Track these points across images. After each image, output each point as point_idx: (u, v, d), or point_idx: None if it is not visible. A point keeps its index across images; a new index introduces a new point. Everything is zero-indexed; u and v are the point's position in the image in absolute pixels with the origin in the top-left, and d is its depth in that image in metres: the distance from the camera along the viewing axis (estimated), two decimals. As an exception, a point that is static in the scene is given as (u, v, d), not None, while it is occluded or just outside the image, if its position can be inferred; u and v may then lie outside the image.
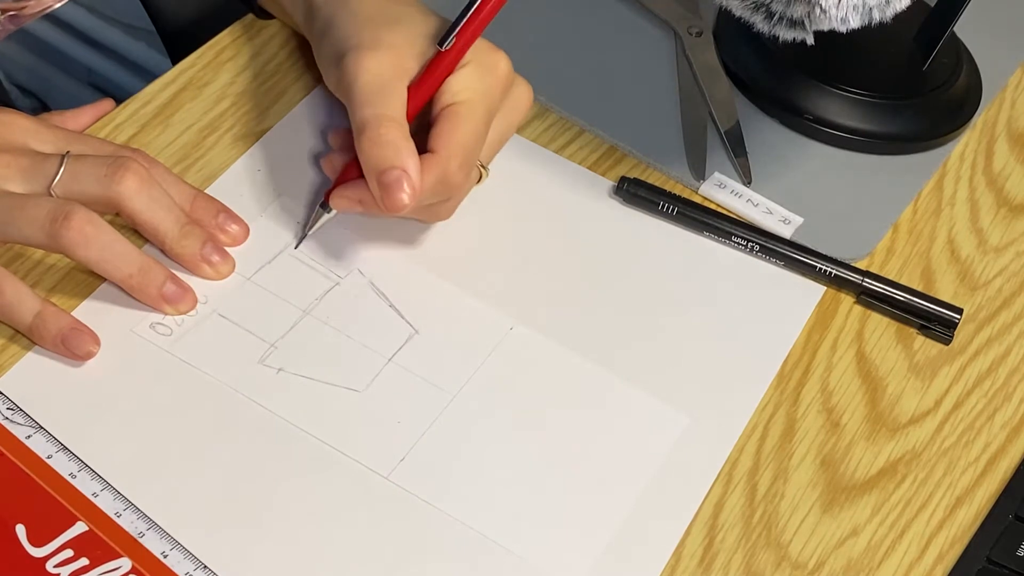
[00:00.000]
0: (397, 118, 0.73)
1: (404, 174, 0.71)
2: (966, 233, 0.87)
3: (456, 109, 0.74)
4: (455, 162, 0.73)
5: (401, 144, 0.72)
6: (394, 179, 0.71)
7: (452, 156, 0.73)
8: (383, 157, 0.72)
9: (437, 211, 0.78)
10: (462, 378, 0.75)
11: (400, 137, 0.72)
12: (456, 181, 0.74)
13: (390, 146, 0.72)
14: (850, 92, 0.89)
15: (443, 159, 0.73)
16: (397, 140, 0.72)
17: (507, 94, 0.77)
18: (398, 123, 0.73)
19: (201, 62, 0.86)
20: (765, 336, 0.80)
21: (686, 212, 0.83)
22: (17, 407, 0.70)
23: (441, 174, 0.73)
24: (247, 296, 0.76)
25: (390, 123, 0.73)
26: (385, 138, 0.72)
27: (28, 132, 0.75)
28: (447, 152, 0.73)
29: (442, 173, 0.73)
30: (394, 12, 0.77)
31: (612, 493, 0.72)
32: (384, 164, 0.72)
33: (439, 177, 0.73)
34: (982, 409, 0.79)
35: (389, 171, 0.72)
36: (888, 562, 0.72)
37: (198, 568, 0.66)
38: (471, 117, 0.74)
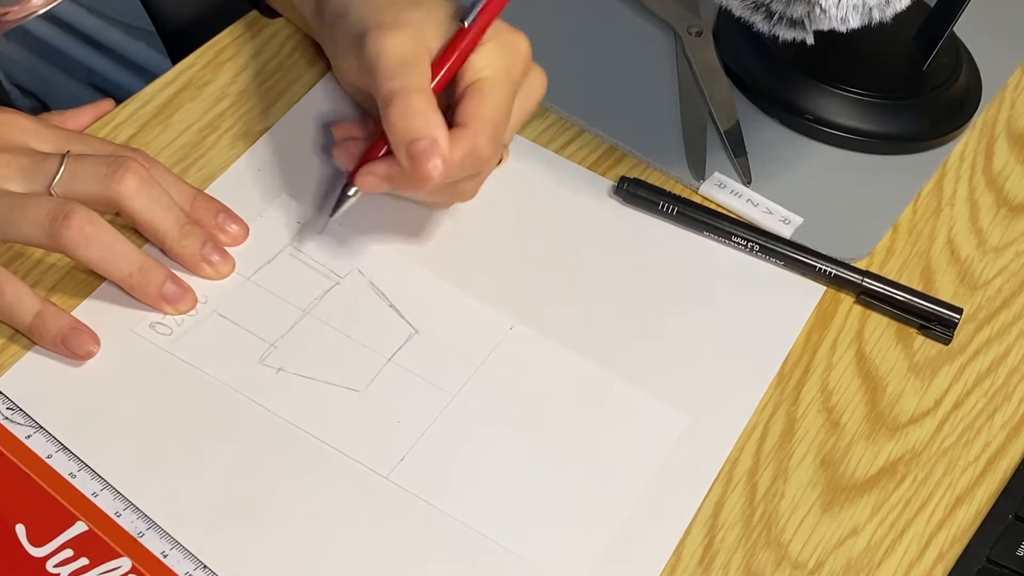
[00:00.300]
0: (424, 89, 0.73)
1: (434, 144, 0.71)
2: (966, 233, 0.87)
3: (480, 85, 0.74)
4: (485, 135, 0.73)
5: (430, 114, 0.72)
6: (423, 148, 0.71)
7: (482, 129, 0.73)
8: (412, 127, 0.71)
9: (463, 190, 0.77)
10: (462, 378, 0.75)
11: (429, 108, 0.72)
12: (486, 154, 0.73)
13: (419, 116, 0.71)
14: (850, 92, 0.89)
15: (472, 132, 0.73)
16: (426, 110, 0.72)
17: (526, 75, 0.77)
18: (426, 94, 0.73)
19: (201, 62, 0.86)
20: (765, 336, 0.80)
21: (686, 212, 0.83)
22: (17, 407, 0.70)
23: (471, 147, 0.73)
24: (247, 296, 0.76)
25: (418, 94, 0.72)
26: (414, 108, 0.72)
27: (28, 132, 0.75)
28: (477, 124, 0.73)
29: (472, 146, 0.73)
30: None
31: (612, 493, 0.72)
32: (413, 134, 0.71)
33: (469, 150, 0.73)
34: (982, 409, 0.79)
35: (418, 141, 0.71)
36: (888, 562, 0.72)
37: (198, 568, 0.66)
38: (496, 92, 0.74)
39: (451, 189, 0.76)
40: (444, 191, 0.77)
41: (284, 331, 0.75)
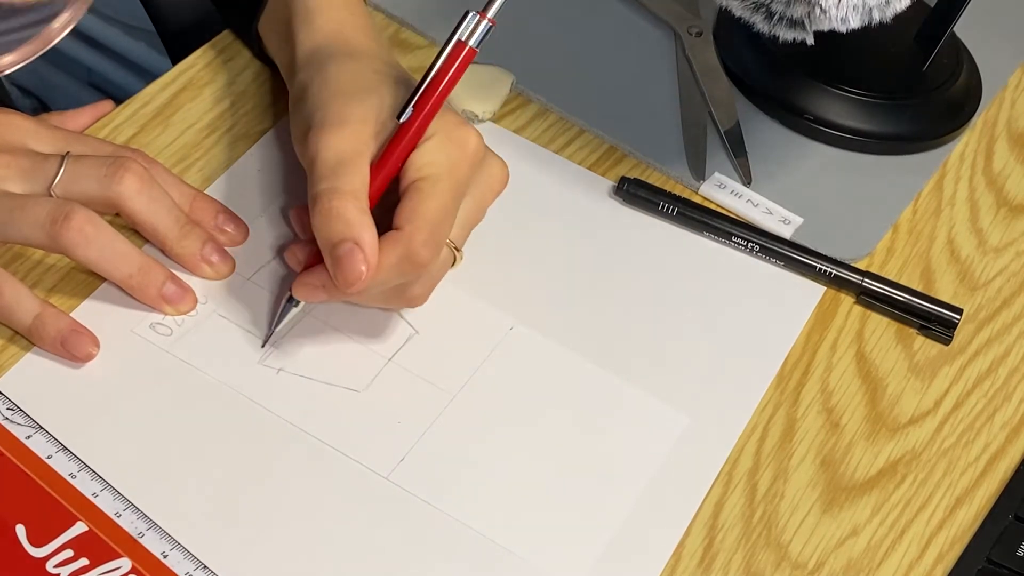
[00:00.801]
0: (352, 191, 0.69)
1: (356, 247, 0.68)
2: (966, 233, 0.87)
3: (420, 185, 0.70)
4: (420, 238, 0.69)
5: (353, 217, 0.69)
6: (346, 252, 0.68)
7: (416, 232, 0.69)
8: (335, 230, 0.69)
9: (407, 295, 0.73)
10: (462, 378, 0.75)
11: (354, 210, 0.69)
12: (421, 259, 0.70)
13: (341, 219, 0.69)
14: (850, 92, 0.89)
15: (407, 235, 0.69)
16: (349, 213, 0.69)
17: (478, 171, 0.73)
18: (352, 196, 0.69)
19: (201, 62, 0.86)
20: (765, 336, 0.80)
21: (686, 212, 0.83)
22: (17, 407, 0.70)
23: (405, 251, 0.69)
24: (247, 296, 0.76)
25: (343, 196, 0.69)
26: (337, 211, 0.69)
27: (28, 132, 0.75)
28: (411, 227, 0.69)
29: (406, 250, 0.69)
30: (366, 82, 0.74)
31: (612, 493, 0.72)
32: (336, 237, 0.68)
33: (403, 254, 0.69)
34: (982, 409, 0.79)
35: (341, 244, 0.68)
36: (888, 562, 0.72)
37: (198, 568, 0.66)
38: (436, 192, 0.70)
39: (397, 294, 0.73)
40: (390, 297, 0.73)
41: (284, 331, 0.75)
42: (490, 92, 0.87)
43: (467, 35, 0.71)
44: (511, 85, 0.88)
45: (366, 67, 0.75)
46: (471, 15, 0.71)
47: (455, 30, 0.71)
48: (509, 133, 0.86)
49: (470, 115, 0.86)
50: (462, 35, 0.71)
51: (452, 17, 0.72)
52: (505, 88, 0.87)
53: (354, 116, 0.72)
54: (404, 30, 0.90)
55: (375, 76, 0.74)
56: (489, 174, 0.74)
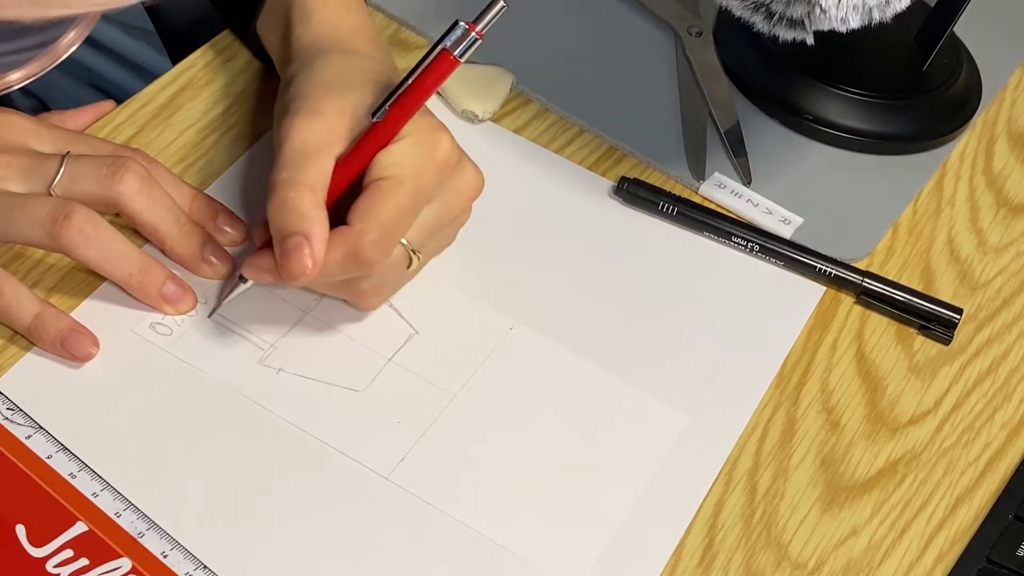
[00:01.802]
0: (310, 184, 0.69)
1: (305, 241, 0.68)
2: (966, 233, 0.87)
3: (381, 184, 0.70)
4: (368, 237, 0.69)
5: (306, 211, 0.69)
6: (293, 245, 0.68)
7: (366, 231, 0.69)
8: (287, 222, 0.69)
9: (359, 292, 0.73)
10: (462, 378, 0.75)
11: (308, 204, 0.69)
12: (368, 258, 0.69)
13: (294, 211, 0.69)
14: (850, 92, 0.89)
15: (356, 232, 0.69)
16: (302, 206, 0.69)
17: (448, 177, 0.72)
18: (309, 189, 0.69)
19: (201, 62, 0.86)
20: (765, 336, 0.80)
21: (686, 212, 0.83)
22: (17, 407, 0.70)
23: (351, 248, 0.69)
24: (247, 296, 0.76)
25: (299, 188, 0.69)
26: (291, 203, 0.69)
27: (28, 132, 0.75)
28: (362, 226, 0.69)
29: (353, 247, 0.69)
30: (351, 79, 0.74)
31: (612, 493, 0.72)
32: (287, 229, 0.69)
33: (349, 251, 0.69)
34: (982, 409, 0.79)
35: (291, 237, 0.68)
36: (888, 562, 0.72)
37: (198, 568, 0.66)
38: (395, 193, 0.70)
39: (346, 288, 0.73)
40: (339, 290, 0.73)
41: (284, 331, 0.75)
42: (490, 92, 0.87)
43: (451, 44, 0.71)
44: (511, 85, 0.88)
45: (354, 65, 0.75)
46: (460, 25, 0.71)
47: (442, 37, 0.71)
48: (509, 133, 0.86)
49: (470, 115, 0.86)
50: (447, 43, 0.71)
51: (452, 17, 0.71)
52: (505, 88, 0.87)
53: (330, 108, 0.72)
54: (404, 30, 0.90)
55: (361, 74, 0.74)
56: (461, 180, 0.74)
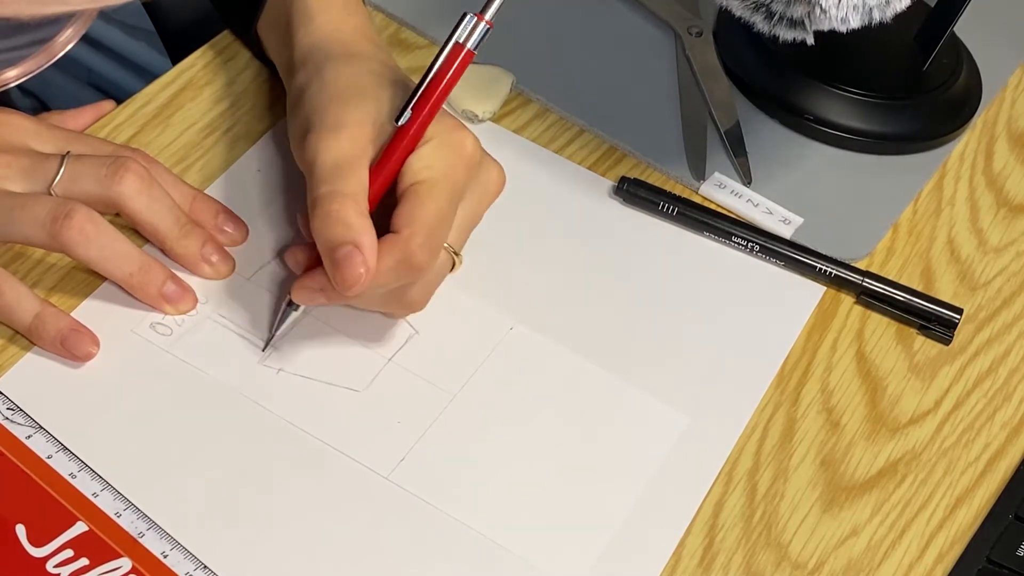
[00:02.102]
0: (352, 194, 0.69)
1: (355, 250, 0.68)
2: (966, 233, 0.87)
3: (417, 189, 0.70)
4: (417, 240, 0.69)
5: (353, 220, 0.69)
6: (345, 255, 0.68)
7: (414, 235, 0.69)
8: (335, 234, 0.69)
9: (406, 299, 0.73)
10: (462, 378, 0.75)
11: (353, 213, 0.69)
12: (419, 261, 0.69)
13: (341, 222, 0.69)
14: (850, 92, 0.89)
15: (404, 238, 0.69)
16: (349, 216, 0.69)
17: (475, 174, 0.73)
18: (352, 199, 0.69)
19: (201, 62, 0.86)
20: (765, 336, 0.80)
21: (686, 212, 0.83)
22: (17, 407, 0.70)
23: (402, 254, 0.69)
24: (247, 296, 0.76)
25: (343, 199, 0.69)
26: (337, 214, 0.69)
27: (28, 132, 0.75)
28: (409, 231, 0.69)
29: (403, 253, 0.69)
30: (364, 85, 0.74)
31: (612, 493, 0.72)
32: (336, 240, 0.68)
33: (401, 258, 0.69)
34: (982, 409, 0.79)
35: (340, 247, 0.68)
36: (888, 562, 0.72)
37: (198, 568, 0.66)
38: (433, 195, 0.70)
39: (396, 298, 0.73)
40: (388, 301, 0.73)
41: (284, 331, 0.75)
42: (490, 92, 0.87)
43: (464, 37, 0.71)
44: (511, 85, 0.88)
45: (363, 69, 0.75)
46: (468, 17, 0.71)
47: (453, 32, 0.71)
48: (509, 133, 0.86)
49: (470, 115, 0.86)
50: (459, 37, 0.71)
51: (452, 17, 0.71)
52: (505, 88, 0.87)
53: (351, 120, 0.72)
54: (404, 30, 0.90)
55: (372, 78, 0.74)
56: (486, 178, 0.74)
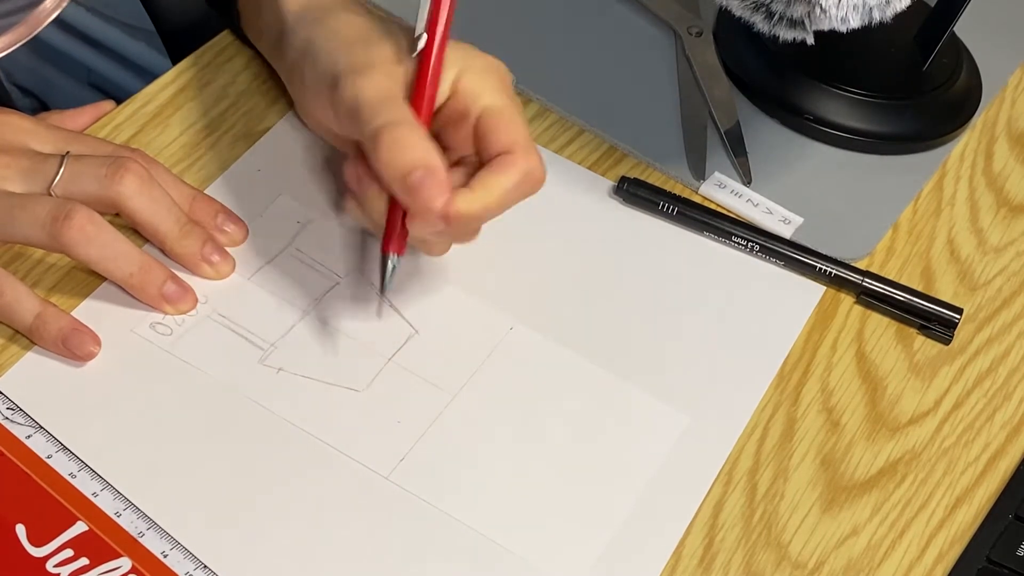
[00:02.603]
0: (409, 121, 0.70)
1: (428, 171, 0.68)
2: (966, 233, 0.87)
3: (496, 111, 0.72)
4: (534, 155, 0.71)
5: (421, 143, 0.69)
6: (419, 179, 0.68)
7: (529, 150, 0.71)
8: (403, 159, 0.69)
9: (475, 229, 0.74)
10: (462, 378, 0.75)
11: (417, 137, 0.69)
12: (541, 174, 0.71)
13: (408, 147, 0.69)
14: (850, 92, 0.89)
15: (521, 155, 0.71)
16: (414, 141, 0.69)
17: None
18: (412, 125, 0.70)
19: (201, 62, 0.86)
20: (765, 336, 0.80)
21: (686, 212, 0.83)
22: (17, 407, 0.70)
23: (526, 169, 0.71)
24: (247, 296, 0.76)
25: (404, 126, 0.70)
26: (402, 141, 0.69)
27: (28, 132, 0.75)
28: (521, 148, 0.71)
29: (526, 168, 0.71)
30: (377, 29, 0.75)
31: (612, 493, 0.72)
32: (406, 166, 0.68)
33: (524, 173, 0.71)
34: (982, 409, 0.79)
35: (413, 172, 0.68)
36: (888, 562, 0.72)
37: (198, 568, 0.66)
38: (515, 114, 0.72)
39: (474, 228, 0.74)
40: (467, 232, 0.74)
41: (284, 331, 0.75)
42: (490, 92, 0.86)
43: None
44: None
45: (365, 13, 0.76)
46: None
47: None
48: (509, 133, 0.86)
49: (470, 115, 0.86)
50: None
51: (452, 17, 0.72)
52: (505, 88, 0.87)
53: (380, 57, 0.73)
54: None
55: (379, 22, 0.75)
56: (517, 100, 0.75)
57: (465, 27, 0.77)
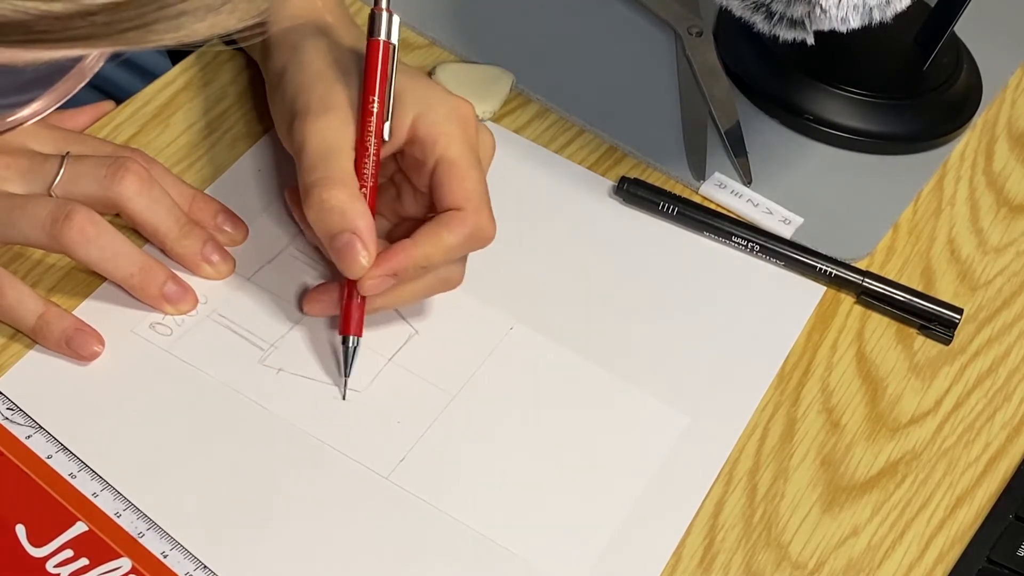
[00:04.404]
0: (342, 180, 0.70)
1: (354, 236, 0.69)
2: (966, 233, 0.87)
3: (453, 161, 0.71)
4: (485, 213, 0.71)
5: (347, 206, 0.70)
6: (345, 243, 0.69)
7: (480, 208, 0.71)
8: (331, 223, 0.70)
9: (452, 277, 0.74)
10: (462, 378, 0.75)
11: (346, 199, 0.70)
12: (490, 233, 0.72)
13: (335, 211, 0.70)
14: (850, 92, 0.89)
15: (472, 212, 0.71)
16: (342, 203, 0.70)
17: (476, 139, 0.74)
18: (342, 184, 0.70)
19: (201, 62, 0.86)
20: (765, 336, 0.80)
21: (686, 212, 0.83)
22: (17, 407, 0.70)
23: (474, 227, 0.71)
24: (247, 296, 0.76)
25: (335, 186, 0.70)
26: (329, 203, 0.70)
27: (28, 133, 0.75)
28: (472, 204, 0.71)
29: (474, 227, 0.71)
30: (345, 62, 0.74)
31: (612, 493, 0.72)
32: (333, 229, 0.70)
33: (472, 232, 0.71)
34: (982, 409, 0.79)
35: (339, 235, 0.70)
36: (888, 562, 0.72)
37: (198, 568, 0.66)
38: (473, 166, 0.72)
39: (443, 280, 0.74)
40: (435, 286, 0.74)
41: (284, 331, 0.75)
42: (490, 92, 0.87)
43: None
44: (511, 85, 0.88)
45: (344, 39, 0.76)
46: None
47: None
48: (509, 133, 0.86)
49: (470, 115, 0.86)
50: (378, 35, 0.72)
51: (452, 17, 0.72)
52: (505, 88, 0.87)
53: (340, 99, 0.72)
54: (404, 30, 0.90)
55: (351, 54, 0.75)
56: (484, 143, 0.75)
57: (465, 27, 0.77)
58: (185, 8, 0.42)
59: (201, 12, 0.42)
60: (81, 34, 0.41)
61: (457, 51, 0.89)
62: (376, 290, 0.72)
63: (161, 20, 0.42)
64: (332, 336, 0.75)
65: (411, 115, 0.72)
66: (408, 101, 0.73)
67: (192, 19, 0.42)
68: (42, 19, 0.40)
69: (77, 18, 0.41)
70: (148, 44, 0.42)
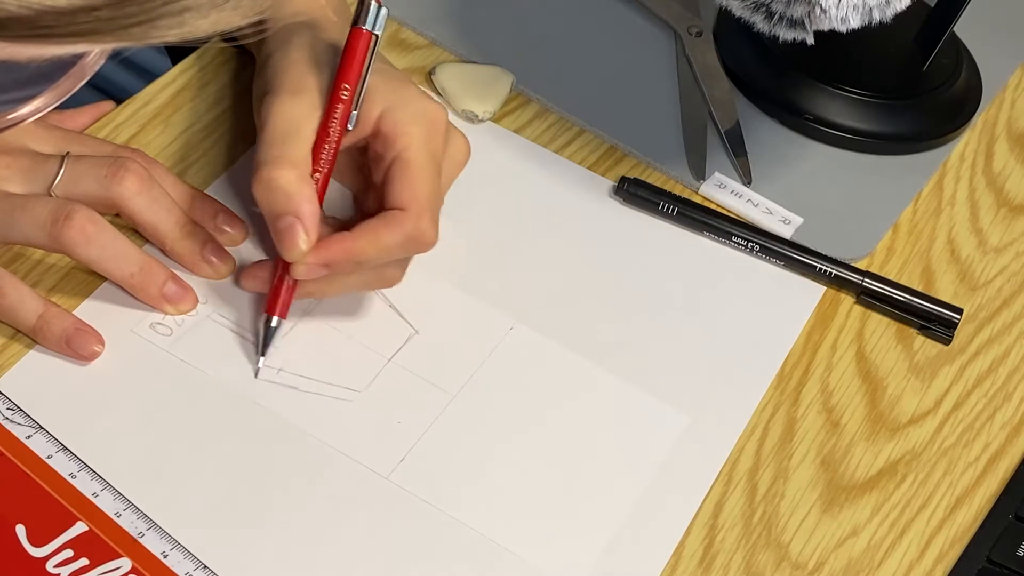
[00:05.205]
0: (293, 161, 0.70)
1: (296, 221, 0.69)
2: (966, 233, 0.87)
3: (408, 162, 0.71)
4: (427, 218, 0.70)
5: (294, 188, 0.69)
6: (286, 226, 0.69)
7: (423, 213, 0.70)
8: (275, 203, 0.70)
9: (388, 275, 0.74)
10: (462, 378, 0.75)
11: (294, 180, 0.70)
12: (430, 238, 0.71)
13: (281, 191, 0.70)
14: (850, 92, 0.89)
15: (413, 216, 0.70)
16: (290, 184, 0.70)
17: (447, 143, 0.74)
18: (293, 165, 0.70)
19: (201, 62, 0.86)
20: (765, 336, 0.80)
21: (686, 212, 0.83)
22: (17, 407, 0.70)
23: (413, 231, 0.70)
24: (247, 296, 0.76)
25: (284, 166, 0.70)
26: (276, 182, 0.70)
27: (28, 133, 0.75)
28: (415, 208, 0.70)
29: (414, 230, 0.70)
30: (329, 55, 0.74)
31: (612, 493, 0.72)
32: (276, 210, 0.70)
33: (410, 235, 0.70)
34: (982, 409, 0.79)
35: (281, 217, 0.70)
36: (888, 562, 0.72)
37: (198, 568, 0.66)
38: (427, 170, 0.71)
39: (378, 276, 0.74)
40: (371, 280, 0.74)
41: (284, 331, 0.75)
42: (490, 92, 0.87)
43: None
44: (511, 85, 0.88)
45: (331, 37, 0.76)
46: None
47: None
48: (509, 133, 0.86)
49: (470, 115, 0.86)
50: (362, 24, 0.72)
51: (452, 17, 0.71)
52: (505, 88, 0.87)
53: (310, 85, 0.72)
54: (404, 30, 0.90)
55: (334, 48, 0.75)
56: (455, 148, 0.75)
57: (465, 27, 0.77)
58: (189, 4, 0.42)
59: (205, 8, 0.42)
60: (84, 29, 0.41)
61: (457, 51, 0.89)
62: (307, 276, 0.71)
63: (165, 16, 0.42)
64: (332, 336, 0.75)
65: (380, 108, 0.73)
66: (380, 94, 0.73)
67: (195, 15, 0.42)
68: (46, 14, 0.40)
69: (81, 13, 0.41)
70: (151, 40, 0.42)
